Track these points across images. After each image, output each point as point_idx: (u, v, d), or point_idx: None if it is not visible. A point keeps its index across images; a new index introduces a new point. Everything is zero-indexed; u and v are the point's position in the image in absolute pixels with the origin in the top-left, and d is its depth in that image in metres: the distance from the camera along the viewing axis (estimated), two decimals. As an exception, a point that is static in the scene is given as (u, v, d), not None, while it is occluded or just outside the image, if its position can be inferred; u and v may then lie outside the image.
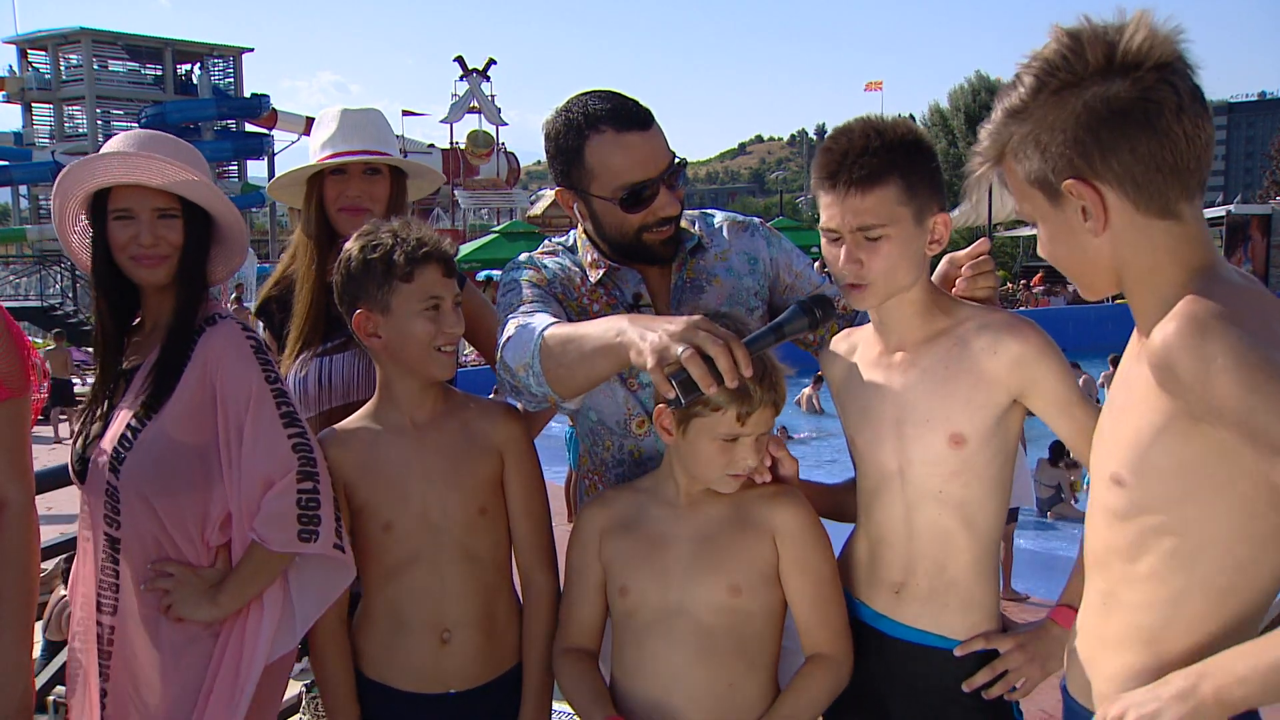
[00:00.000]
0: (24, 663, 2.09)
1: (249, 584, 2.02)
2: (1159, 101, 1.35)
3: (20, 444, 2.11)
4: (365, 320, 2.07)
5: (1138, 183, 1.38)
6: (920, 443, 1.86)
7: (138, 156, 2.03)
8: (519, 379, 1.97)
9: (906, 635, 1.92)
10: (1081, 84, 1.38)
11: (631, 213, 2.10)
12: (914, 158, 1.81)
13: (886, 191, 1.78)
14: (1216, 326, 1.29)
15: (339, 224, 2.60)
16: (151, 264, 2.06)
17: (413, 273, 2.03)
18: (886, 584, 1.93)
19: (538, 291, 2.16)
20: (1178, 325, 1.32)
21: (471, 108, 37.13)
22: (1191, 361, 1.30)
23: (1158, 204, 1.40)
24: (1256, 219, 25.56)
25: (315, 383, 2.50)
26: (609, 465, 2.26)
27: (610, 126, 2.07)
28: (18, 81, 43.90)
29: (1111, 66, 1.37)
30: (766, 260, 2.30)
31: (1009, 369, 1.80)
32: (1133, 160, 1.37)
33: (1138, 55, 1.36)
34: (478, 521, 2.11)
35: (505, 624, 2.16)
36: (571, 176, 2.14)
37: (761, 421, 1.86)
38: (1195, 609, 1.43)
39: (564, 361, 1.89)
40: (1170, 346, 1.32)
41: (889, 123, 1.83)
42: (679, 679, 1.92)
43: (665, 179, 2.11)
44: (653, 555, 1.96)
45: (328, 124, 2.66)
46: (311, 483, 1.99)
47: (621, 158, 2.07)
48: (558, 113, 2.14)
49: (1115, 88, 1.36)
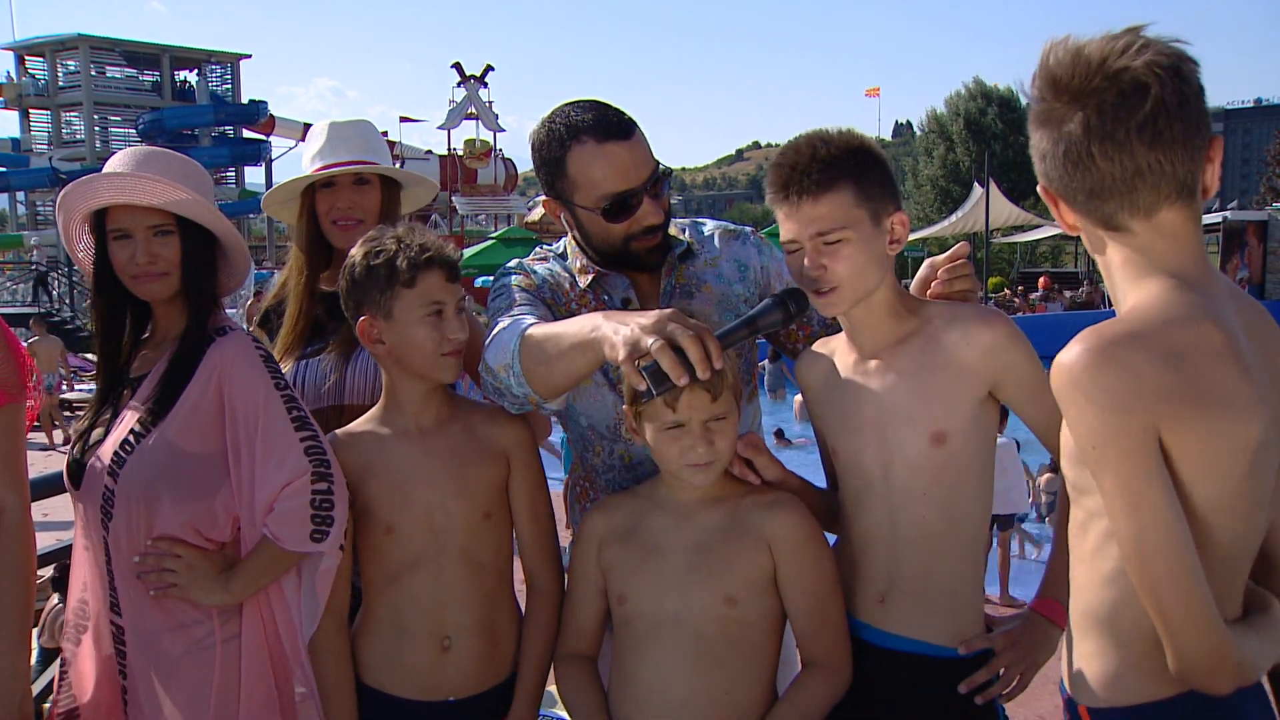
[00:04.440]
0: (21, 669, 2.09)
1: (260, 576, 2.04)
2: (1073, 133, 1.45)
3: (16, 450, 2.12)
4: (369, 326, 2.08)
5: (1071, 198, 1.50)
6: (902, 444, 1.87)
7: (131, 177, 2.05)
8: (500, 380, 2.00)
9: (892, 644, 1.91)
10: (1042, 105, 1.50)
11: (614, 222, 2.11)
12: (863, 161, 1.85)
13: (840, 195, 1.82)
14: (1081, 377, 1.39)
15: (332, 236, 2.62)
16: (150, 281, 2.07)
17: (415, 278, 2.04)
18: (871, 592, 1.93)
19: (526, 296, 2.17)
20: (1074, 350, 1.41)
21: (469, 114, 37.17)
22: (1060, 391, 1.43)
23: (1095, 217, 1.50)
24: (1253, 225, 25.58)
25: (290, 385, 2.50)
26: (599, 470, 2.27)
27: (591, 137, 2.08)
28: (15, 88, 43.96)
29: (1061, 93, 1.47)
30: (757, 268, 2.30)
31: (982, 358, 1.83)
32: (1064, 181, 1.49)
33: (1069, 87, 1.46)
34: (481, 527, 2.11)
35: (505, 631, 2.16)
36: (556, 187, 2.15)
37: (695, 405, 1.86)
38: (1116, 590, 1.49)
39: (542, 360, 1.92)
40: (1054, 370, 1.44)
41: (835, 132, 1.88)
42: (676, 687, 1.91)
43: (648, 188, 2.11)
44: (650, 563, 1.96)
45: (317, 138, 2.69)
46: (326, 484, 2.00)
47: (603, 168, 2.08)
48: (542, 123, 2.15)
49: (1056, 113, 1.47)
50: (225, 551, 2.06)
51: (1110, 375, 1.37)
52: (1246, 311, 1.49)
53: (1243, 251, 25.36)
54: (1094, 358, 1.39)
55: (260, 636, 2.06)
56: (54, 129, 44.40)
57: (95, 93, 43.50)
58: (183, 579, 2.01)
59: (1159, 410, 1.36)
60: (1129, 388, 1.37)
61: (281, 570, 2.05)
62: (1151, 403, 1.36)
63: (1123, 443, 1.37)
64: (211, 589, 2.02)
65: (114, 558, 2.03)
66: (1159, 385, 1.36)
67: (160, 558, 2.00)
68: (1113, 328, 1.42)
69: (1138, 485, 1.36)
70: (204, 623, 2.04)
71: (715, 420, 1.89)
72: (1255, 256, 25.38)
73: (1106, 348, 1.39)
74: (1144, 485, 1.36)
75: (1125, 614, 1.49)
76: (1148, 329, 1.41)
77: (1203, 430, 1.38)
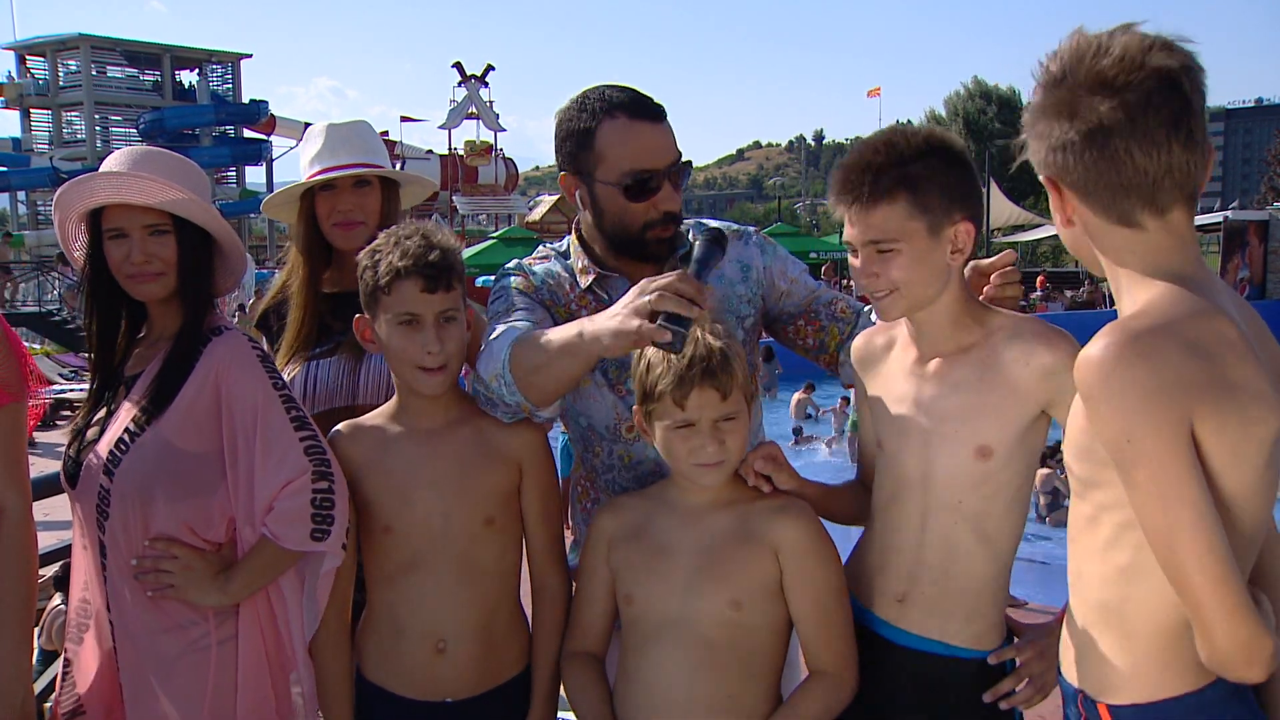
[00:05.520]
0: (24, 669, 2.09)
1: (259, 576, 2.04)
2: (1108, 126, 1.44)
3: (18, 450, 2.12)
4: (363, 325, 2.10)
5: (1089, 192, 1.50)
6: (946, 453, 1.86)
7: (127, 176, 2.04)
8: (492, 390, 2.01)
9: (910, 642, 1.91)
10: (1065, 94, 1.47)
11: (634, 201, 2.11)
12: (930, 169, 1.79)
13: (894, 208, 1.79)
14: (1113, 371, 1.39)
15: (333, 239, 2.62)
16: (146, 281, 2.07)
17: (390, 287, 2.02)
18: (892, 590, 1.93)
19: (524, 299, 2.17)
20: (1100, 346, 1.41)
21: (470, 114, 37.17)
22: (1090, 387, 1.42)
23: (1114, 213, 1.49)
24: (1254, 225, 25.55)
25: (300, 387, 2.51)
26: (599, 471, 2.27)
27: (624, 113, 2.10)
28: (16, 88, 43.93)
29: (1091, 85, 1.45)
30: (760, 268, 2.30)
31: (1040, 379, 1.81)
32: (1084, 174, 1.48)
33: (1102, 78, 1.44)
34: (482, 533, 2.10)
35: (505, 636, 2.14)
36: (579, 160, 2.15)
37: (705, 404, 1.87)
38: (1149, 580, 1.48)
39: (532, 368, 1.94)
40: (1080, 365, 1.43)
41: (907, 134, 1.83)
42: (680, 689, 1.91)
43: (670, 173, 2.12)
44: (657, 564, 1.96)
45: (315, 140, 2.67)
46: (326, 482, 2.00)
47: (631, 143, 2.10)
48: (573, 99, 2.17)
49: (1084, 104, 1.46)
50: (222, 553, 2.06)
51: (1144, 368, 1.37)
52: (1244, 310, 1.51)
53: (1243, 251, 25.32)
54: (1125, 351, 1.38)
55: (257, 638, 2.06)
56: (55, 129, 44.36)
57: (96, 92, 43.47)
58: (179, 580, 2.00)
59: (1192, 401, 1.36)
60: (1163, 379, 1.36)
61: (280, 570, 2.05)
62: (1185, 393, 1.36)
63: (1159, 435, 1.35)
64: (208, 590, 2.01)
65: (111, 556, 2.03)
66: (1191, 376, 1.36)
67: (157, 559, 2.00)
68: (1137, 322, 1.42)
69: (1174, 477, 1.35)
70: (200, 624, 2.04)
71: (725, 420, 1.90)
72: (1256, 256, 25.33)
73: (1136, 341, 1.38)
74: (1180, 477, 1.35)
75: (1144, 608, 1.49)
76: (1172, 322, 1.40)
77: (1234, 420, 1.37)
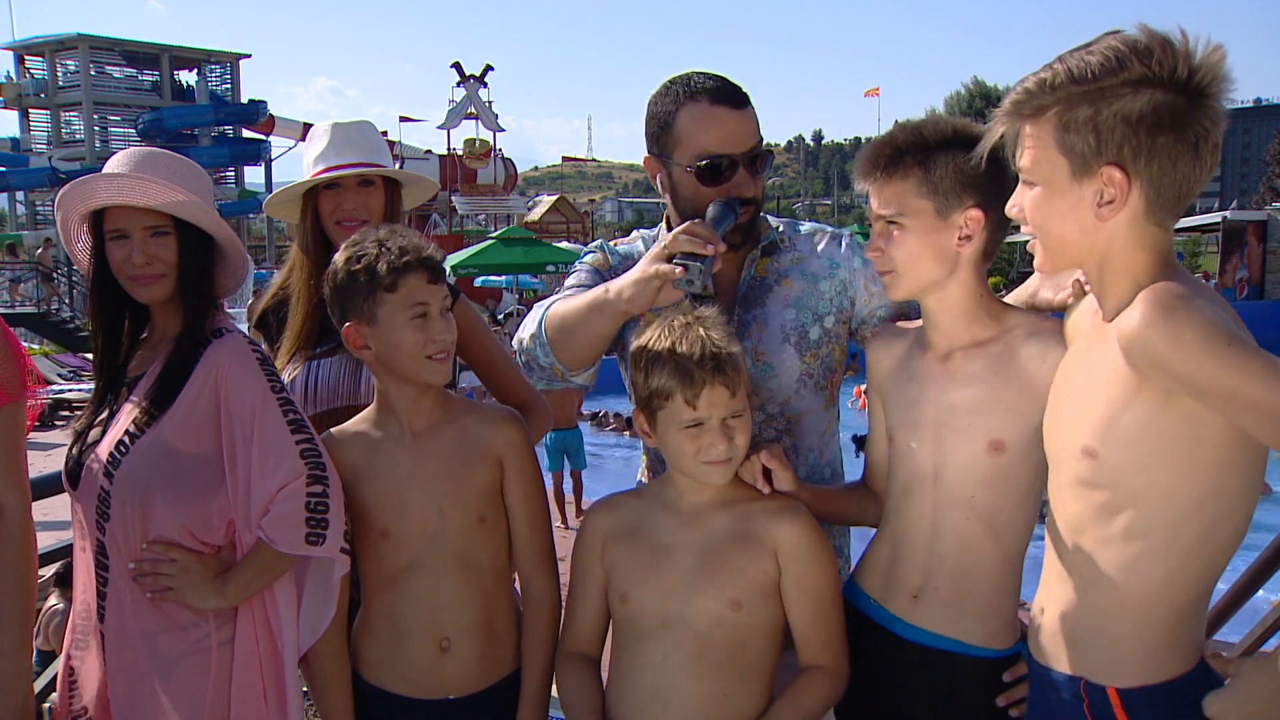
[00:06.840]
0: (24, 668, 2.09)
1: (256, 579, 2.03)
2: (1208, 133, 1.47)
3: (17, 450, 2.12)
4: (354, 333, 2.07)
5: (1160, 191, 1.50)
6: (959, 447, 1.86)
7: (128, 178, 2.04)
8: (529, 351, 2.10)
9: (923, 639, 1.92)
10: (1156, 84, 1.45)
11: (707, 185, 2.13)
12: (945, 152, 1.81)
13: (905, 183, 1.83)
14: (1180, 306, 1.42)
15: (336, 237, 2.60)
16: (147, 282, 2.07)
17: (396, 282, 2.02)
18: (905, 587, 1.93)
19: (593, 276, 2.24)
20: (1145, 309, 1.44)
21: (469, 114, 37.16)
22: (1162, 339, 1.41)
23: (1163, 213, 1.52)
24: (1252, 225, 25.59)
25: (301, 387, 2.51)
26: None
27: (706, 98, 2.13)
28: (15, 88, 43.84)
29: (1187, 83, 1.45)
30: (849, 267, 2.27)
31: None
32: (1166, 173, 1.49)
33: (1208, 83, 1.45)
34: (476, 530, 2.11)
35: (504, 630, 2.16)
36: (660, 142, 2.19)
37: (715, 402, 1.88)
38: (1162, 568, 1.54)
39: (562, 326, 2.02)
40: (1141, 327, 1.43)
41: (939, 121, 1.88)
42: (674, 688, 1.92)
43: (746, 160, 2.14)
44: (655, 564, 1.96)
45: (319, 139, 2.67)
46: (321, 486, 2.00)
47: (708, 127, 2.12)
48: (663, 84, 2.21)
49: (1183, 104, 1.45)
50: (221, 555, 2.06)
51: (1194, 305, 1.42)
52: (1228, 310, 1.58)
53: (1242, 251, 25.35)
54: (1172, 301, 1.43)
55: (254, 641, 2.06)
56: (53, 129, 44.27)
57: (95, 92, 43.38)
58: (178, 582, 2.00)
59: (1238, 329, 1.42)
60: (1214, 312, 1.42)
61: (277, 574, 2.05)
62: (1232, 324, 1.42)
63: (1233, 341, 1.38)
64: (207, 592, 2.01)
65: (111, 558, 2.03)
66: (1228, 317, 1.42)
67: (155, 561, 2.00)
68: (1167, 289, 1.45)
69: (1264, 361, 1.36)
70: (201, 625, 2.04)
71: (734, 417, 1.91)
72: (1255, 256, 25.37)
73: (1175, 295, 1.44)
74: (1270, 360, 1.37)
75: (1164, 591, 1.55)
76: (1197, 289, 1.47)
77: None
